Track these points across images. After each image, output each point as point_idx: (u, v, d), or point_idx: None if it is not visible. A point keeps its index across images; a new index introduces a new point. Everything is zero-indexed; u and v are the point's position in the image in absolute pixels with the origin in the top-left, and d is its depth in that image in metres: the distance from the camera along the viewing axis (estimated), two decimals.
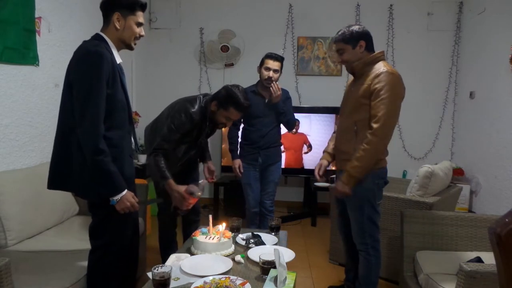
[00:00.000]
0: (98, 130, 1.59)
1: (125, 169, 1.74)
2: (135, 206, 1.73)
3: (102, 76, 1.58)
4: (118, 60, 1.73)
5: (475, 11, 3.95)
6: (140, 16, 1.73)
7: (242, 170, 2.91)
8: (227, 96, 2.23)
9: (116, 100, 1.67)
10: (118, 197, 1.65)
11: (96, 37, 1.72)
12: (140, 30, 1.75)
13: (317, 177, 2.30)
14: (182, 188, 2.14)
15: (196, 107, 2.25)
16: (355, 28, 2.08)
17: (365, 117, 2.04)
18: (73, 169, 1.65)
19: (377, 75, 1.99)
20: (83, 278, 1.84)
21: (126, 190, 1.68)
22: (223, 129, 3.12)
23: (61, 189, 1.77)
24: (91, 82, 1.58)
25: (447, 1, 4.25)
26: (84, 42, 1.71)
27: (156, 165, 2.20)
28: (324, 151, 2.40)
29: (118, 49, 1.76)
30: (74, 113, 1.62)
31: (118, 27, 1.69)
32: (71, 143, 1.64)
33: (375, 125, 1.96)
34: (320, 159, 2.37)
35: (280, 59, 2.81)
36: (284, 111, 2.89)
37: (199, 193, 2.16)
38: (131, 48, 1.80)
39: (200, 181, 2.22)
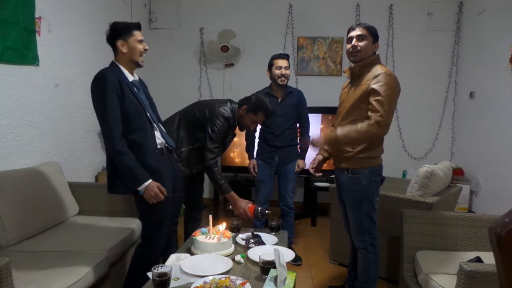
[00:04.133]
0: (114, 135, 1.85)
1: (150, 162, 1.94)
2: (159, 196, 1.90)
3: (108, 92, 1.84)
4: (130, 78, 1.99)
5: (475, 11, 3.95)
6: (139, 35, 1.96)
7: (256, 170, 3.05)
8: (257, 102, 2.48)
9: (129, 108, 1.91)
10: (142, 187, 1.87)
11: (111, 64, 1.99)
12: (143, 46, 1.98)
13: (311, 170, 2.31)
14: (244, 203, 2.38)
15: (229, 111, 2.46)
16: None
17: (362, 117, 2.06)
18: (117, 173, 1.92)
19: (376, 76, 2.03)
20: (83, 278, 1.84)
21: (150, 180, 1.89)
22: None
23: (116, 193, 2.03)
24: (101, 99, 1.86)
25: (447, 1, 4.25)
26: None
27: (213, 179, 2.42)
28: (320, 148, 2.40)
29: (130, 70, 2.00)
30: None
31: (125, 51, 1.94)
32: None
33: (379, 119, 1.98)
34: (316, 154, 2.37)
35: (286, 57, 2.97)
36: (301, 117, 3.05)
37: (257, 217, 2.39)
38: (139, 65, 2.01)
39: (267, 211, 2.40)
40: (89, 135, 3.14)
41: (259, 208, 2.36)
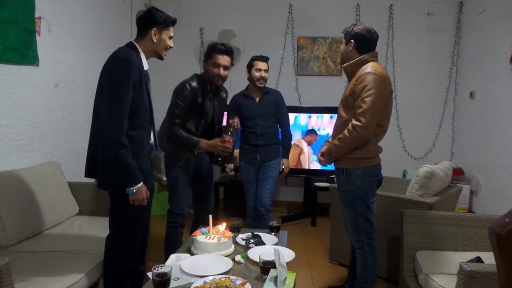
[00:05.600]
0: (122, 127, 1.76)
1: (142, 164, 1.89)
2: (144, 202, 1.87)
3: (129, 80, 1.77)
4: (146, 67, 1.92)
5: (475, 11, 3.95)
6: (172, 31, 1.97)
7: (232, 173, 3.12)
8: (208, 48, 2.53)
9: (140, 102, 1.84)
10: (134, 188, 1.81)
11: (129, 45, 1.91)
12: (171, 42, 1.97)
13: (321, 159, 2.30)
14: (216, 140, 2.44)
15: (194, 78, 2.51)
16: (356, 27, 2.14)
17: (352, 116, 2.08)
18: (98, 161, 1.86)
19: (360, 76, 2.05)
20: (83, 278, 1.84)
21: (141, 183, 1.84)
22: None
23: (93, 177, 1.96)
24: (119, 85, 1.76)
25: (447, 1, 4.25)
26: (118, 49, 1.88)
27: (180, 139, 2.43)
28: (326, 141, 2.42)
29: (148, 58, 1.96)
30: (101, 111, 1.80)
31: (155, 41, 1.91)
32: (99, 139, 1.84)
33: (355, 122, 2.03)
34: (322, 146, 2.37)
35: (266, 59, 2.99)
36: (279, 116, 3.05)
37: (231, 134, 2.45)
38: (161, 58, 2.00)
39: (229, 121, 2.50)
40: (89, 135, 3.13)
41: (230, 130, 2.43)
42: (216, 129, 2.63)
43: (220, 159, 2.52)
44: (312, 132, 4.15)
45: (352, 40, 2.13)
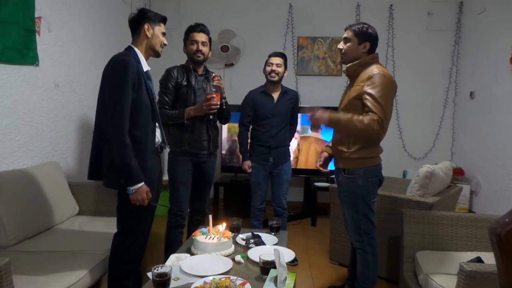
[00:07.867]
0: (124, 127, 1.81)
1: (148, 163, 1.93)
2: (145, 202, 1.89)
3: (127, 81, 1.83)
4: (146, 68, 1.99)
5: (475, 11, 3.95)
6: (163, 28, 2.07)
7: (250, 170, 2.99)
8: (184, 33, 2.69)
9: (141, 102, 1.89)
10: (134, 187, 1.84)
11: (127, 49, 1.99)
12: (164, 39, 2.06)
13: (318, 167, 2.33)
14: (202, 102, 2.47)
15: (175, 66, 2.65)
16: (370, 29, 2.12)
17: None
18: (104, 162, 1.90)
19: (370, 77, 2.02)
20: (83, 278, 1.84)
21: (142, 184, 1.86)
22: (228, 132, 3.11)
23: (97, 179, 2.00)
24: (119, 87, 1.83)
25: (447, 1, 4.25)
26: (115, 54, 1.94)
27: (168, 117, 2.48)
28: (326, 146, 2.43)
29: (147, 58, 2.03)
30: (106, 112, 1.86)
31: (149, 36, 1.98)
32: (104, 139, 1.88)
33: (377, 118, 1.95)
34: (321, 152, 2.40)
35: (280, 54, 2.94)
36: (293, 115, 3.06)
37: (216, 90, 2.49)
38: (158, 55, 2.06)
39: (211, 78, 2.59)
40: (89, 135, 3.13)
41: (213, 94, 2.44)
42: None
43: (211, 117, 2.56)
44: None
45: (368, 42, 2.10)
